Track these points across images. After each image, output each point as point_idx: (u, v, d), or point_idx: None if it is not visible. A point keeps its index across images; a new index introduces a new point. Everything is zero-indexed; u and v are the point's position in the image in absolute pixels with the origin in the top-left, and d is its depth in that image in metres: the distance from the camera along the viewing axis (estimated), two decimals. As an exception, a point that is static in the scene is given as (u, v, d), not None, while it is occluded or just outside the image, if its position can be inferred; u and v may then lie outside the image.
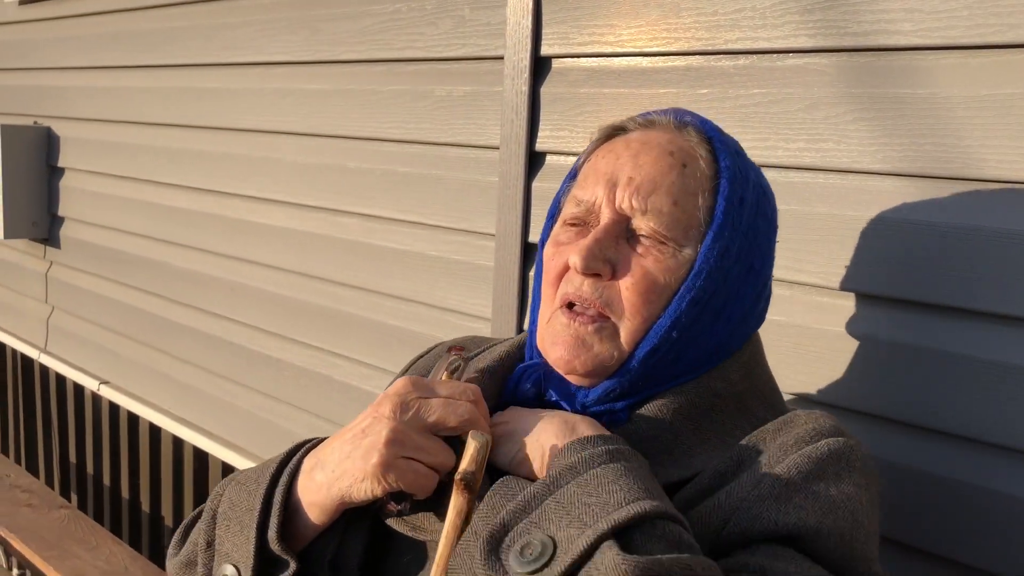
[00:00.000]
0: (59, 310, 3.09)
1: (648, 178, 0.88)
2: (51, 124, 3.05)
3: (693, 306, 0.86)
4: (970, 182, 1.07)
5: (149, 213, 2.60)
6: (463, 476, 0.79)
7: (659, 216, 0.87)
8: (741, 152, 0.94)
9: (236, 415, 2.32)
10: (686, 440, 0.87)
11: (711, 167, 0.89)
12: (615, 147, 0.92)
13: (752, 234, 0.90)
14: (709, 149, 0.91)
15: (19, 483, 2.76)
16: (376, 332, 1.92)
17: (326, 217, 2.02)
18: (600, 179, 0.90)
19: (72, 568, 2.23)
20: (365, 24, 1.88)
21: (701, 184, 0.88)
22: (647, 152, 0.89)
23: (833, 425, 0.87)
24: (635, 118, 0.95)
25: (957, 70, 1.08)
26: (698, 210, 0.87)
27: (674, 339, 0.86)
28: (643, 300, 0.86)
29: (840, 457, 0.83)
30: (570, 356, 0.88)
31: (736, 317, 0.90)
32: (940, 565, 1.11)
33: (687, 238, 0.87)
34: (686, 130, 0.92)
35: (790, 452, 0.82)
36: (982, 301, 1.06)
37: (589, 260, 0.86)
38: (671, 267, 0.87)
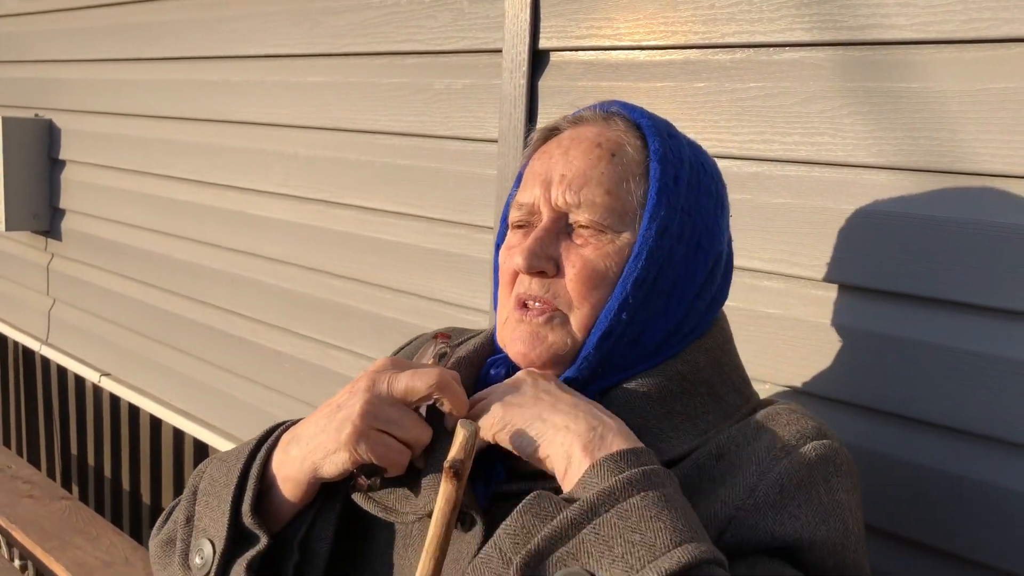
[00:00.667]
0: (60, 302, 3.10)
1: (579, 172, 0.90)
2: (52, 117, 3.05)
3: (638, 287, 0.87)
4: (964, 176, 1.08)
5: (150, 205, 2.61)
6: (452, 464, 0.79)
7: (593, 207, 0.88)
8: (675, 133, 0.95)
9: (236, 407, 2.33)
10: (656, 424, 0.88)
11: (641, 152, 0.91)
12: (548, 148, 0.95)
13: (694, 212, 0.91)
14: (638, 135, 0.92)
15: (20, 474, 2.77)
16: (375, 324, 1.93)
17: (325, 210, 2.03)
18: (536, 180, 0.92)
19: (73, 559, 2.25)
20: (365, 17, 1.89)
21: (631, 170, 0.90)
22: (576, 147, 0.91)
23: (815, 426, 0.87)
24: (567, 117, 0.97)
25: (951, 64, 1.08)
26: (632, 195, 0.89)
27: (625, 321, 0.88)
28: (587, 287, 0.88)
29: (828, 461, 0.84)
30: (526, 349, 0.90)
31: (689, 296, 0.91)
32: (929, 555, 1.12)
33: (624, 224, 0.89)
34: (613, 120, 0.94)
35: (779, 457, 0.83)
36: (976, 295, 1.07)
37: (531, 260, 0.89)
38: (610, 253, 0.88)
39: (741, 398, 0.94)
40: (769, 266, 1.25)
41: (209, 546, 0.88)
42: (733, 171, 1.29)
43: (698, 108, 1.32)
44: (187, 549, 0.91)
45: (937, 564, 1.12)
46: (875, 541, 1.16)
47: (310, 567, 0.90)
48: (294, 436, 0.90)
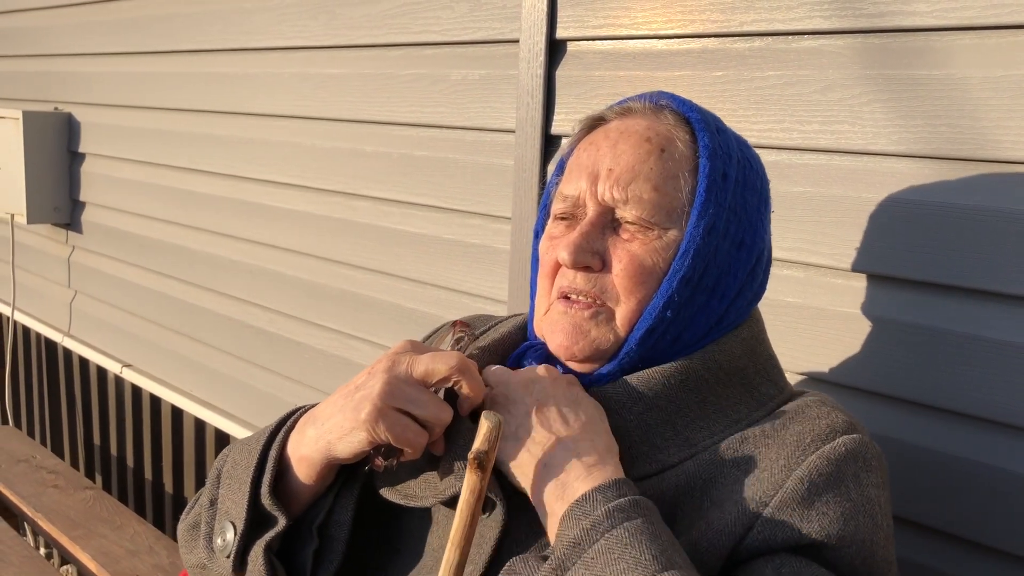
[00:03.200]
0: (82, 294, 3.13)
1: (627, 167, 0.88)
2: (72, 110, 3.08)
3: (684, 285, 0.87)
4: (986, 163, 1.07)
5: (169, 198, 2.62)
6: (476, 455, 0.80)
7: (640, 203, 0.87)
8: (724, 128, 0.94)
9: (256, 396, 2.35)
10: (689, 412, 0.88)
11: (690, 148, 0.90)
12: (595, 139, 0.93)
13: (740, 209, 0.90)
14: (688, 130, 0.91)
15: (45, 464, 2.81)
16: (394, 314, 1.94)
17: (344, 201, 2.04)
18: (582, 173, 0.91)
19: (98, 547, 2.28)
20: (383, 8, 1.89)
21: (681, 166, 0.89)
22: (625, 141, 0.90)
23: (845, 420, 0.87)
24: (613, 107, 0.96)
25: (973, 51, 1.08)
26: (680, 192, 0.88)
27: (669, 319, 0.87)
28: (634, 283, 0.87)
29: (858, 456, 0.83)
30: (569, 342, 0.89)
31: (731, 293, 0.91)
32: (954, 544, 1.12)
33: (671, 220, 0.88)
34: (663, 114, 0.92)
35: (808, 451, 0.82)
36: (998, 282, 1.06)
37: (577, 255, 0.88)
38: (658, 249, 0.87)
39: (775, 388, 0.93)
40: (789, 255, 1.25)
41: (231, 528, 0.89)
42: (752, 160, 1.28)
43: (716, 97, 1.32)
44: (211, 532, 0.92)
45: (965, 554, 1.12)
46: (901, 532, 1.16)
47: (329, 553, 0.91)
48: (311, 417, 0.91)
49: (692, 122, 0.91)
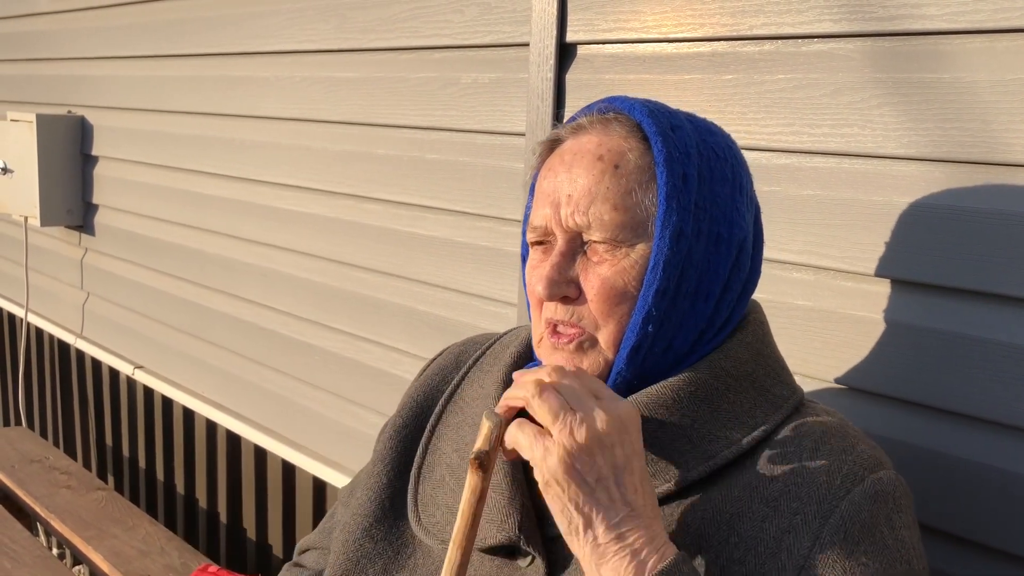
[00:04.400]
0: (94, 296, 3.14)
1: (584, 191, 0.87)
2: (85, 113, 3.10)
3: (661, 297, 0.86)
4: (996, 167, 1.07)
5: (181, 200, 2.64)
6: (477, 455, 0.80)
7: (603, 225, 0.86)
8: (678, 124, 0.90)
9: (268, 399, 2.36)
10: (704, 423, 0.87)
11: (645, 156, 0.88)
12: (552, 163, 0.92)
13: (709, 205, 0.88)
14: (640, 136, 0.89)
15: (58, 465, 2.83)
16: (405, 317, 1.94)
17: (355, 204, 2.05)
18: (545, 201, 0.90)
19: (110, 547, 2.29)
20: (393, 12, 1.90)
21: (636, 178, 0.87)
22: (578, 163, 0.89)
23: (871, 455, 0.86)
24: (567, 125, 0.94)
25: (983, 54, 1.08)
26: (640, 205, 0.87)
27: (652, 332, 0.86)
28: (609, 306, 0.87)
29: (888, 498, 0.83)
30: None
31: (716, 290, 0.90)
32: (966, 548, 1.12)
33: (637, 235, 0.87)
34: (611, 126, 0.90)
35: (839, 495, 0.81)
36: (1008, 285, 1.06)
37: (551, 288, 0.88)
38: (627, 267, 0.87)
39: (788, 389, 0.93)
40: (798, 258, 1.25)
41: None
42: (762, 163, 1.29)
43: (726, 100, 1.32)
44: None
45: (976, 557, 1.12)
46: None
47: None
48: None
49: (643, 127, 0.89)
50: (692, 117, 0.94)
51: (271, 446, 2.33)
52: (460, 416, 1.04)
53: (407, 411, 1.10)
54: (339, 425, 2.12)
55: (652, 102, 0.93)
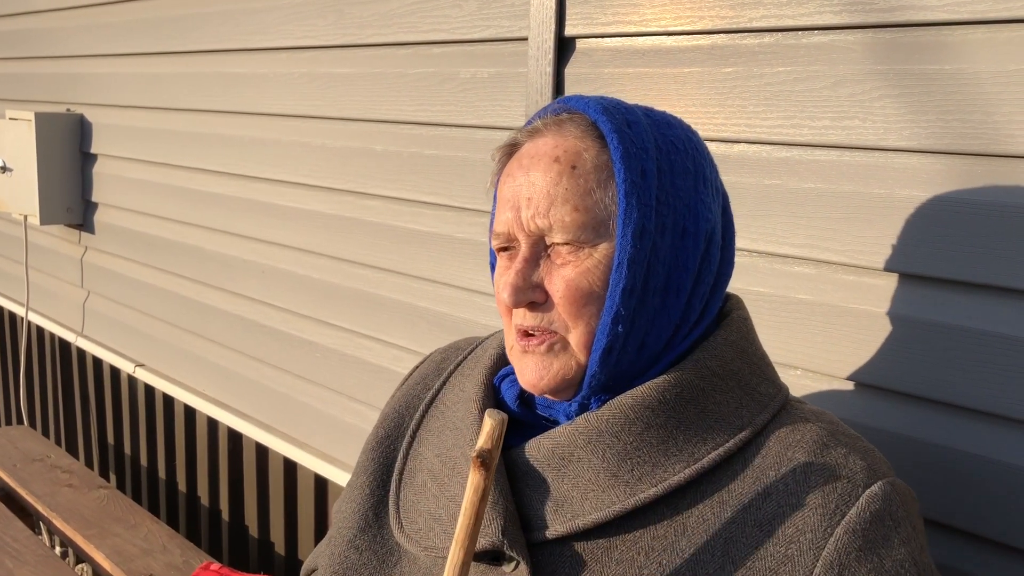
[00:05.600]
0: (95, 294, 3.14)
1: (543, 193, 0.86)
2: (83, 111, 3.09)
3: (628, 296, 0.85)
4: (998, 158, 1.07)
5: (181, 198, 2.63)
6: (479, 453, 0.79)
7: (564, 227, 0.85)
8: (634, 119, 0.89)
9: (269, 396, 2.36)
10: (690, 425, 0.86)
11: (602, 154, 0.87)
12: (511, 169, 0.91)
13: (672, 199, 0.87)
14: (596, 134, 0.88)
15: (59, 464, 2.83)
16: (406, 313, 1.94)
17: (354, 200, 2.04)
18: (506, 206, 0.89)
19: (112, 546, 2.29)
20: (391, 7, 1.89)
21: (594, 177, 0.86)
22: (535, 166, 0.88)
23: (863, 465, 0.84)
24: (524, 128, 0.94)
25: (984, 45, 1.07)
26: (600, 204, 0.86)
27: (622, 332, 0.85)
28: (576, 308, 0.86)
29: (885, 516, 0.81)
30: (535, 379, 0.89)
31: (687, 285, 0.88)
32: (973, 543, 1.12)
33: (599, 234, 0.86)
34: (566, 127, 0.89)
35: (834, 519, 0.80)
36: (1011, 278, 1.06)
37: (516, 295, 0.87)
38: (591, 268, 0.85)
39: (773, 387, 0.92)
40: (800, 251, 1.25)
41: None
42: (763, 156, 1.28)
43: (726, 93, 1.32)
44: None
45: (983, 552, 1.12)
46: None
47: None
48: None
49: (599, 125, 0.88)
50: (649, 111, 0.92)
51: (272, 443, 2.33)
52: (441, 421, 1.03)
53: (389, 421, 1.09)
54: (340, 422, 2.12)
55: (607, 99, 0.92)
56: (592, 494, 0.85)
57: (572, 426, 0.88)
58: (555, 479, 0.88)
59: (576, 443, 0.87)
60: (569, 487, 0.87)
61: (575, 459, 0.87)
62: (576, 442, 0.87)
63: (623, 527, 0.84)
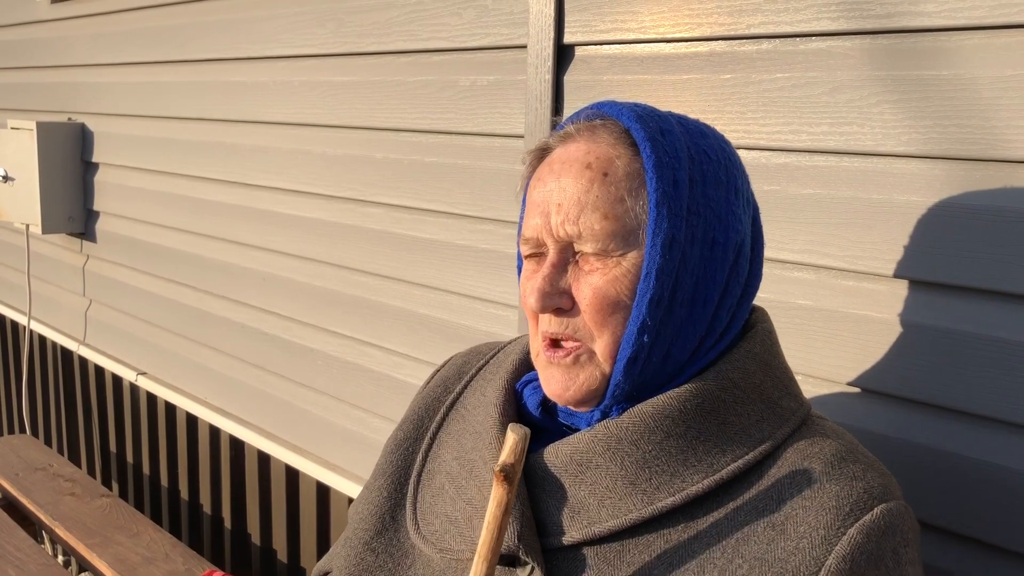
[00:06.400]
0: (96, 303, 3.15)
1: (573, 200, 0.86)
2: (85, 120, 3.10)
3: (655, 306, 0.84)
4: (996, 163, 1.07)
5: (182, 206, 2.64)
6: (503, 468, 0.79)
7: (593, 234, 0.85)
8: (668, 128, 0.88)
9: (271, 404, 2.36)
10: (710, 436, 0.86)
11: (634, 162, 0.86)
12: (541, 173, 0.91)
13: (703, 209, 0.86)
14: (628, 142, 0.87)
15: (62, 472, 2.83)
16: (407, 320, 1.94)
17: (354, 208, 2.05)
18: (536, 211, 0.89)
19: (115, 554, 2.29)
20: (390, 16, 1.90)
21: (626, 185, 0.85)
22: (567, 172, 0.87)
23: (881, 483, 0.83)
24: (555, 133, 0.93)
25: (981, 51, 1.07)
26: (631, 212, 0.85)
27: (648, 343, 0.85)
28: (602, 316, 0.85)
29: (896, 530, 0.81)
30: (561, 390, 0.89)
31: (715, 296, 0.88)
32: (974, 547, 1.12)
33: (628, 243, 0.85)
34: (599, 133, 0.88)
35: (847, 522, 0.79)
36: (1010, 282, 1.06)
37: (543, 300, 0.87)
38: (619, 276, 0.85)
39: (795, 401, 0.91)
40: (799, 257, 1.25)
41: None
42: (761, 162, 1.28)
43: (725, 100, 1.32)
44: None
45: (989, 558, 1.12)
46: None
47: None
48: None
49: (632, 132, 0.87)
50: (683, 119, 0.92)
51: (274, 451, 2.33)
52: (461, 424, 1.03)
53: (408, 424, 1.09)
54: (341, 429, 2.12)
55: (641, 106, 0.91)
56: (609, 501, 0.85)
57: (591, 433, 0.88)
58: (573, 485, 0.87)
59: (595, 450, 0.87)
60: (586, 494, 0.86)
61: (593, 466, 0.87)
62: (595, 449, 0.87)
63: (637, 533, 0.84)
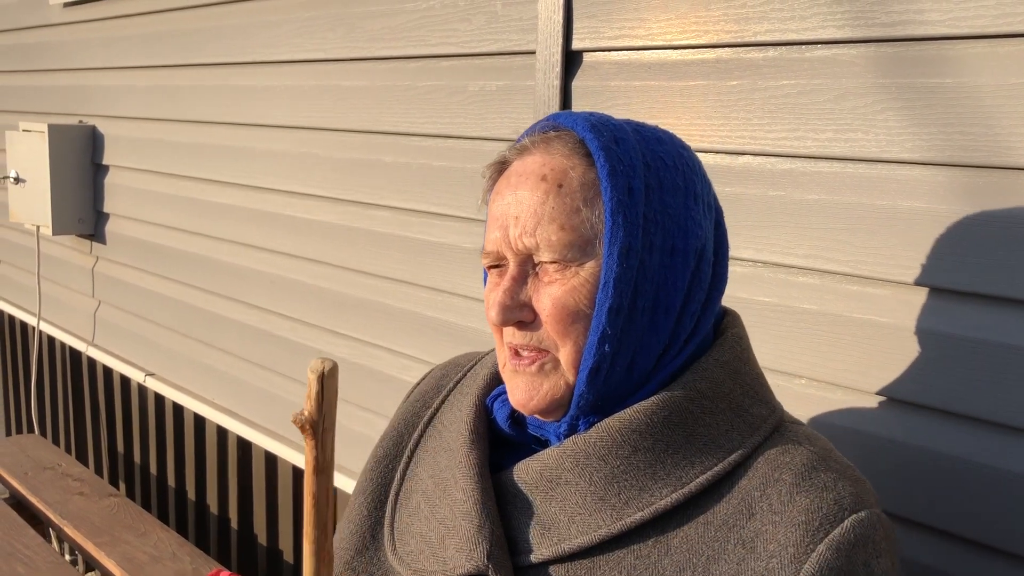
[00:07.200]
0: (106, 304, 3.17)
1: (530, 212, 0.86)
2: (96, 123, 3.12)
3: (615, 315, 0.84)
4: (999, 170, 1.08)
5: (191, 209, 2.66)
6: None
7: (551, 246, 0.85)
8: (623, 136, 0.88)
9: (278, 404, 2.38)
10: (678, 449, 0.85)
11: (589, 172, 0.86)
12: (500, 187, 0.91)
13: (660, 216, 0.86)
14: (583, 152, 0.87)
15: (70, 472, 2.85)
16: (414, 323, 1.96)
17: (364, 211, 2.06)
18: (495, 225, 0.89)
19: (122, 553, 2.31)
20: (400, 21, 1.91)
21: (581, 195, 0.85)
22: (523, 184, 0.88)
23: (852, 492, 0.82)
24: (514, 146, 0.93)
25: (985, 59, 1.08)
26: (587, 222, 0.85)
27: (609, 352, 0.85)
28: (563, 327, 0.85)
29: (867, 542, 0.79)
30: (525, 399, 0.89)
31: (677, 303, 0.87)
32: (985, 553, 1.13)
33: (586, 253, 0.85)
34: (553, 145, 0.89)
35: (817, 537, 0.78)
36: (1014, 288, 1.07)
37: (504, 314, 0.87)
38: (577, 286, 0.85)
39: (766, 408, 0.90)
40: (804, 262, 1.26)
41: None
42: (767, 168, 1.30)
43: (731, 106, 1.33)
44: None
45: (988, 562, 1.12)
46: (928, 539, 1.17)
47: None
48: None
49: (587, 143, 0.87)
50: (640, 127, 0.92)
51: (281, 452, 2.35)
52: (438, 440, 1.02)
53: (388, 440, 1.09)
54: (348, 430, 2.13)
55: (596, 115, 0.91)
56: (579, 517, 0.85)
57: (560, 449, 0.88)
58: (543, 502, 0.87)
59: (564, 466, 0.87)
60: (556, 510, 0.86)
61: (563, 482, 0.87)
62: (564, 465, 0.87)
63: (607, 549, 0.84)
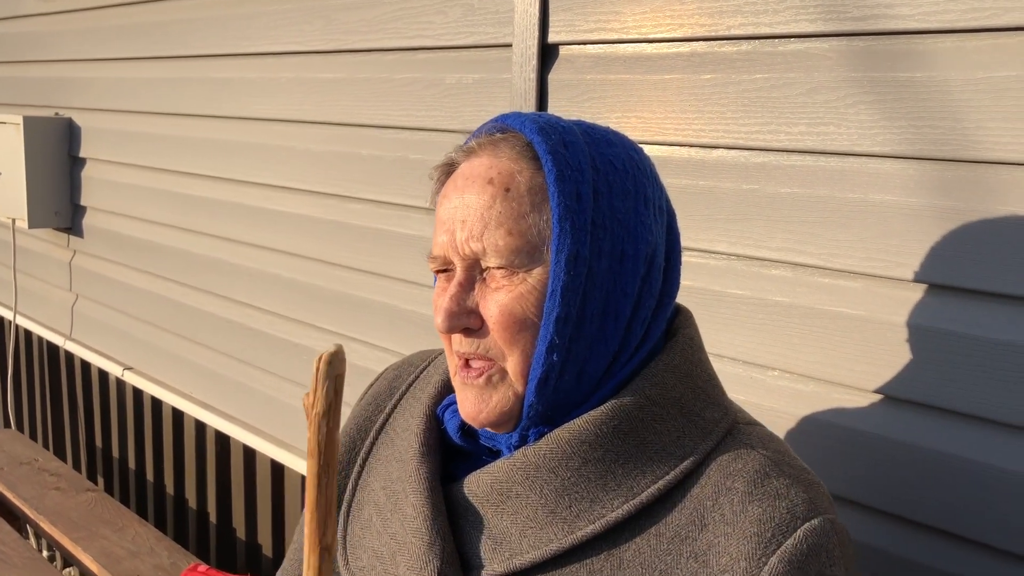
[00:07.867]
0: (83, 298, 3.15)
1: (476, 217, 0.83)
2: (72, 115, 3.10)
3: (562, 325, 0.82)
4: (967, 164, 1.09)
5: (168, 201, 2.65)
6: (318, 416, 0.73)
7: (498, 251, 0.82)
8: (573, 140, 0.85)
9: (256, 398, 2.37)
10: (629, 459, 0.83)
11: (536, 177, 0.84)
12: (447, 190, 0.88)
13: (609, 221, 0.83)
14: (532, 156, 0.84)
15: (47, 467, 2.83)
16: (390, 316, 1.95)
17: (340, 204, 2.06)
18: (442, 229, 0.87)
19: (100, 549, 2.30)
20: (377, 13, 1.91)
21: (530, 200, 0.83)
22: (470, 188, 0.85)
23: (805, 498, 0.80)
24: (461, 147, 0.90)
25: (954, 53, 1.09)
26: (534, 227, 0.82)
27: (558, 361, 0.82)
28: (510, 335, 0.83)
29: (820, 551, 0.78)
30: (475, 412, 0.87)
31: (627, 309, 0.85)
32: (987, 553, 1.14)
33: (533, 259, 0.83)
34: (500, 147, 0.86)
35: (769, 549, 0.77)
36: (980, 281, 1.08)
37: (450, 321, 0.84)
38: (524, 293, 0.83)
39: (719, 411, 0.88)
40: (776, 255, 1.27)
41: None
42: (740, 161, 1.30)
43: (705, 100, 1.34)
44: None
45: (994, 561, 1.14)
46: (931, 539, 1.18)
47: None
48: None
49: (534, 146, 0.85)
50: (591, 129, 0.89)
51: (260, 446, 2.34)
52: (390, 449, 0.99)
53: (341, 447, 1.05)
54: (327, 424, 2.13)
55: (545, 116, 0.89)
56: (531, 531, 0.83)
57: (511, 461, 0.85)
58: (495, 516, 0.86)
59: (514, 479, 0.85)
60: (508, 524, 0.85)
61: (513, 495, 0.84)
62: (514, 477, 0.85)
63: (560, 563, 0.82)
